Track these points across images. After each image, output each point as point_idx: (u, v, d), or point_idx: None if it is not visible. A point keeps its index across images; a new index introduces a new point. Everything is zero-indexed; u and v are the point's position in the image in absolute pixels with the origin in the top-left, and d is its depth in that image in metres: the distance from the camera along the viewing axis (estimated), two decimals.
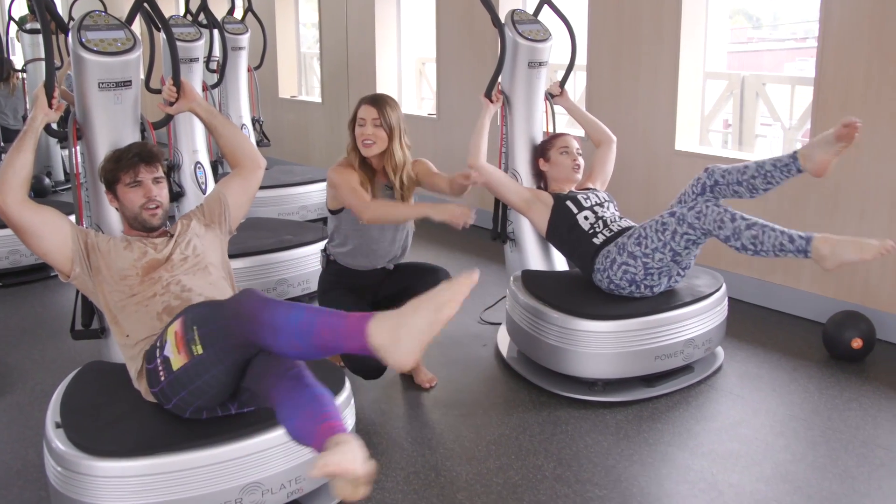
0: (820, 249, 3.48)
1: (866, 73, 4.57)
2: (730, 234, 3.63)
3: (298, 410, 2.53)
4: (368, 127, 3.90)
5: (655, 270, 3.90)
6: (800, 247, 3.52)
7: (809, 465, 3.43)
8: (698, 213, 3.71)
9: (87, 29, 3.44)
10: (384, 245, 4.06)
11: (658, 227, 3.83)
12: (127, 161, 3.23)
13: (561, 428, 3.75)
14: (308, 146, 9.59)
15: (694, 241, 3.77)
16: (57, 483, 2.82)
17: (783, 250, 3.56)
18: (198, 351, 2.67)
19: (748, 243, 3.61)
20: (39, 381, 4.28)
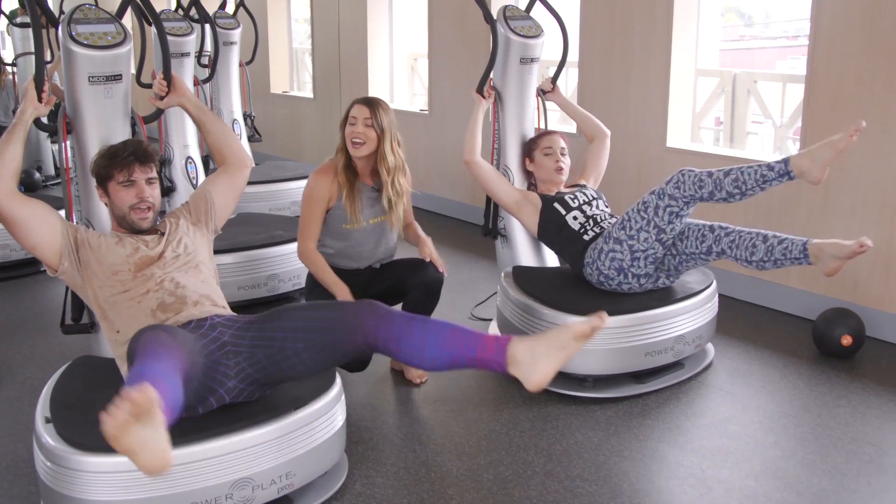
0: (800, 164, 3.56)
1: (857, 72, 4.58)
2: (712, 188, 3.65)
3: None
4: (359, 126, 3.91)
5: (641, 254, 3.88)
6: (780, 170, 3.59)
7: (799, 461, 3.44)
8: (677, 183, 3.72)
9: (78, 22, 3.42)
10: (367, 249, 4.07)
11: (639, 206, 3.84)
12: (122, 159, 3.20)
13: (551, 424, 3.75)
14: (299, 142, 9.58)
15: (676, 212, 3.75)
16: (46, 478, 2.81)
17: (766, 180, 3.62)
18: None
19: (732, 188, 3.64)
20: (29, 375, 4.27)
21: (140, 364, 2.49)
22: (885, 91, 4.48)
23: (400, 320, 2.76)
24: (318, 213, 3.98)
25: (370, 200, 4.03)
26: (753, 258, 3.69)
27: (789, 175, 3.59)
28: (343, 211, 3.97)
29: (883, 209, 4.55)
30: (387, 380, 4.21)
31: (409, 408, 3.99)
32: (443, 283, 4.05)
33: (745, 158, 5.23)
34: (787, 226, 4.94)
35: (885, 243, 4.55)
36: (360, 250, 4.04)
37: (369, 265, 4.11)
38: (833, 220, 4.75)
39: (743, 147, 6.74)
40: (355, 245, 4.03)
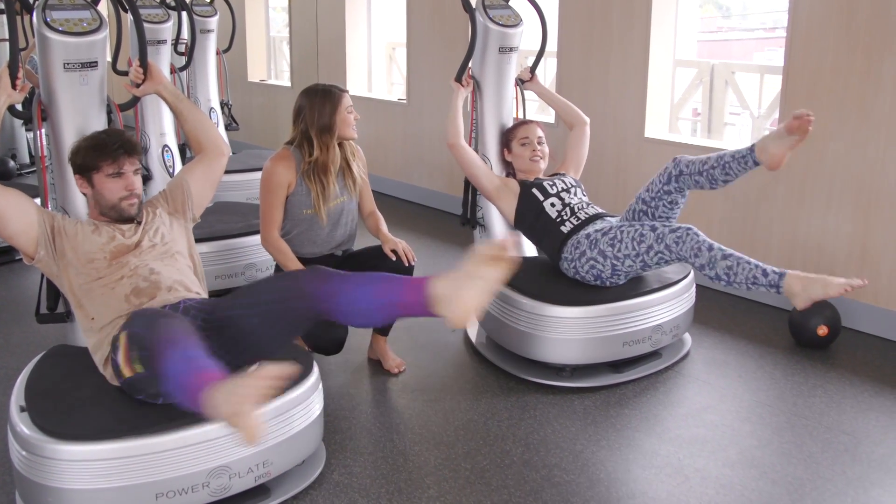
0: (792, 286, 3.47)
1: (834, 63, 4.60)
2: (705, 262, 3.64)
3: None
4: (353, 112, 4.02)
5: (622, 273, 3.92)
6: (772, 281, 3.52)
7: (775, 450, 3.46)
8: (678, 238, 3.71)
9: (53, 9, 3.39)
10: (326, 231, 4.03)
11: (636, 235, 3.83)
12: (111, 151, 3.18)
13: (529, 413, 3.76)
14: (277, 130, 9.52)
15: (667, 260, 3.79)
16: (21, 467, 2.79)
17: (756, 283, 3.56)
18: (139, 369, 2.78)
19: (722, 273, 3.62)
20: (3, 364, 4.24)
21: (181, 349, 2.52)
22: (861, 83, 4.50)
23: (338, 279, 2.74)
24: (280, 200, 3.97)
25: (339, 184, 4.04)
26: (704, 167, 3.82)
27: (778, 289, 3.52)
28: (304, 197, 3.96)
29: (858, 200, 4.58)
30: (364, 369, 4.21)
31: (387, 397, 3.99)
32: (413, 269, 4.04)
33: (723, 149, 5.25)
34: (763, 216, 4.97)
35: (860, 234, 4.58)
36: (319, 233, 4.02)
37: (331, 252, 4.08)
38: (809, 212, 4.77)
39: (720, 138, 6.76)
40: (315, 227, 4.01)
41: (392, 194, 7.76)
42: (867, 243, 4.57)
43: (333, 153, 3.96)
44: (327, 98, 3.95)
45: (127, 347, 2.80)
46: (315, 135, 3.94)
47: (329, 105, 3.94)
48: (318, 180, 3.94)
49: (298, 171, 3.94)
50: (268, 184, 3.97)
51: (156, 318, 2.76)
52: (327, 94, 3.96)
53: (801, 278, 3.47)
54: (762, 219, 4.99)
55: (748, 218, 5.04)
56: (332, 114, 3.94)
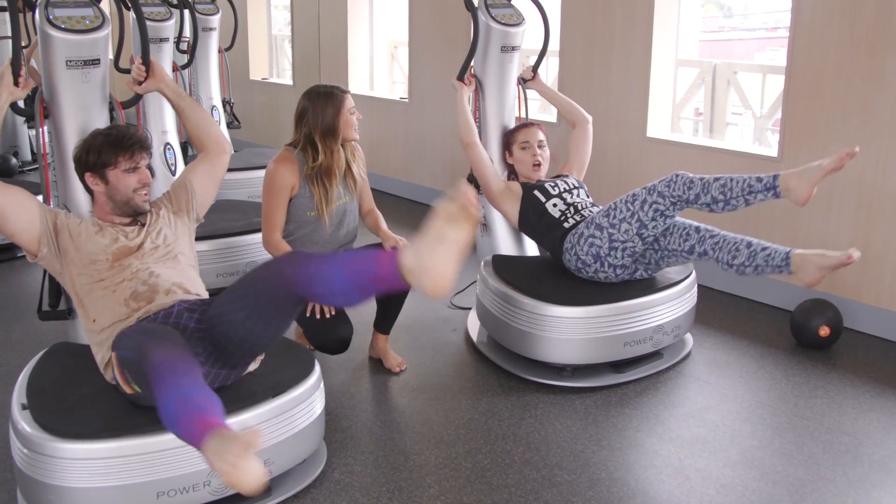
0: (788, 182, 3.54)
1: (837, 63, 4.60)
2: (699, 191, 3.65)
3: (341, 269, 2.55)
4: (356, 112, 4.00)
5: (619, 244, 3.88)
6: (768, 184, 3.57)
7: (776, 451, 3.46)
8: (669, 182, 3.73)
9: (55, 6, 3.39)
10: (329, 233, 4.03)
11: (628, 198, 3.84)
12: (127, 146, 3.19)
13: (530, 413, 3.75)
14: (279, 128, 9.52)
15: (661, 211, 3.76)
16: (22, 465, 2.79)
17: (752, 191, 3.60)
18: (137, 389, 2.79)
19: (718, 194, 3.64)
20: (5, 361, 4.24)
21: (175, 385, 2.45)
22: (864, 82, 4.49)
23: (314, 262, 2.64)
24: (282, 202, 3.95)
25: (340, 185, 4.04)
26: (734, 262, 3.68)
27: (775, 191, 3.56)
28: (307, 200, 3.95)
29: (860, 200, 4.58)
30: (365, 368, 4.21)
31: (388, 396, 3.99)
32: None
33: (725, 149, 5.26)
34: (765, 215, 4.96)
35: (862, 235, 4.58)
36: (322, 234, 4.02)
37: (332, 251, 4.09)
38: (811, 211, 4.77)
39: (722, 138, 6.76)
40: (318, 229, 4.00)
41: (394, 193, 7.75)
42: (869, 244, 4.56)
43: (338, 156, 3.96)
44: (330, 100, 3.94)
45: (120, 369, 2.83)
46: (319, 138, 3.93)
47: (332, 107, 3.93)
48: (322, 184, 3.93)
49: (302, 173, 3.93)
50: (270, 186, 3.96)
51: (143, 341, 2.70)
52: (330, 96, 3.96)
53: (794, 172, 3.54)
54: (763, 218, 4.98)
55: (749, 217, 5.04)
56: (335, 116, 3.93)
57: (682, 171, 3.79)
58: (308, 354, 3.30)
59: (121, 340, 2.86)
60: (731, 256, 3.68)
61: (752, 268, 3.64)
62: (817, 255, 3.48)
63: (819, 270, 3.46)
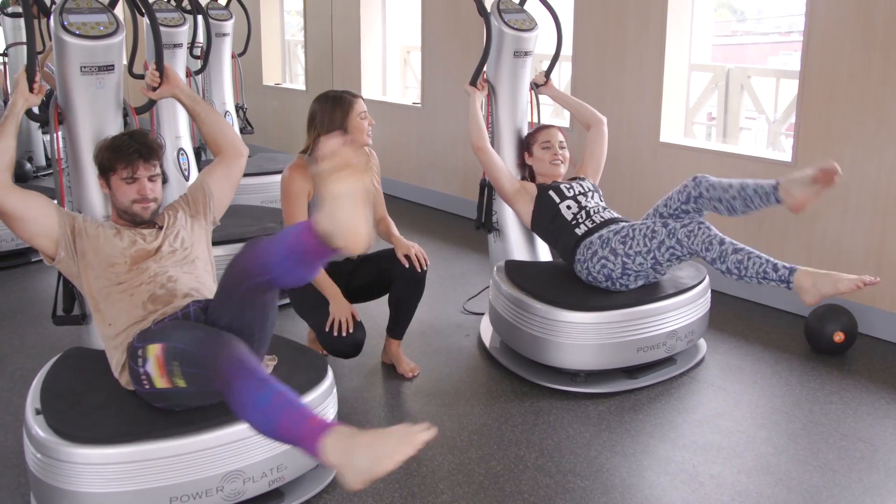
0: (801, 282, 3.49)
1: (851, 67, 4.58)
2: (716, 256, 3.65)
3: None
4: (368, 118, 3.98)
5: (633, 273, 3.91)
6: (782, 276, 3.54)
7: (790, 457, 3.44)
8: (689, 232, 3.72)
9: (70, 12, 3.40)
10: None
11: (647, 232, 3.83)
12: (126, 155, 3.18)
13: (543, 418, 3.75)
14: (292, 134, 9.54)
15: (678, 256, 3.79)
16: (36, 469, 2.80)
17: (766, 278, 3.58)
18: (180, 384, 2.73)
19: (733, 267, 3.63)
20: (19, 366, 4.25)
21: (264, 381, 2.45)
22: (878, 86, 4.48)
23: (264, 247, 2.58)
24: (301, 207, 3.95)
25: None
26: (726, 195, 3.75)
27: (788, 285, 3.55)
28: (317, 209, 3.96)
29: (875, 205, 4.55)
30: (378, 373, 4.21)
31: (401, 401, 3.99)
32: (427, 271, 4.03)
33: (739, 154, 5.24)
34: (778, 223, 4.95)
35: (877, 240, 4.55)
36: None
37: (347, 257, 4.09)
38: (826, 217, 4.75)
39: (736, 142, 6.74)
40: None
41: (406, 198, 7.76)
42: (884, 249, 4.54)
43: None
44: (338, 104, 3.95)
45: (163, 361, 2.75)
46: None
47: (340, 111, 3.94)
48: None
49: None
50: (287, 193, 3.96)
51: (204, 337, 2.68)
52: (338, 100, 3.96)
53: (811, 274, 3.49)
54: (777, 224, 4.97)
55: (763, 223, 5.02)
56: (343, 120, 3.93)
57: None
58: (321, 360, 3.30)
59: (169, 332, 2.81)
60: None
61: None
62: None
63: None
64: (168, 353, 2.73)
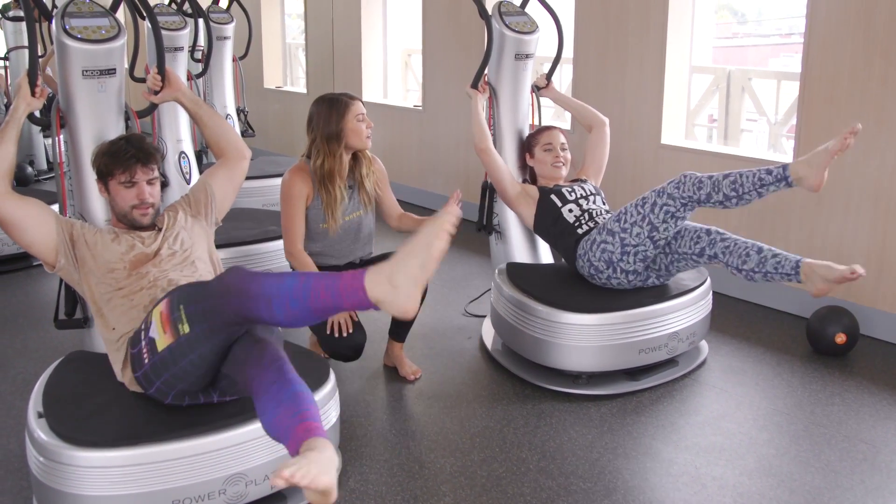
0: (798, 170, 3.56)
1: (852, 69, 4.58)
2: (710, 189, 3.65)
3: (277, 406, 2.44)
4: (366, 120, 3.97)
5: (631, 248, 3.87)
6: (778, 175, 3.58)
7: (792, 459, 3.44)
8: (678, 183, 3.73)
9: (71, 16, 3.41)
10: (346, 245, 4.06)
11: (638, 201, 3.85)
12: (124, 160, 3.18)
13: (545, 421, 3.75)
14: (293, 137, 9.55)
15: (672, 213, 3.75)
16: (39, 473, 2.80)
17: (764, 184, 3.60)
18: (184, 330, 2.63)
19: (729, 191, 3.63)
20: (21, 370, 4.25)
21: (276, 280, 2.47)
22: (880, 88, 4.48)
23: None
24: (300, 210, 3.96)
25: (346, 197, 4.02)
26: (744, 267, 3.67)
27: (787, 180, 3.58)
28: (319, 211, 3.96)
29: (877, 206, 4.56)
30: (380, 376, 4.21)
31: (403, 404, 3.99)
32: None
33: (740, 156, 5.24)
34: (781, 223, 4.95)
35: (878, 240, 4.55)
36: (339, 247, 4.04)
37: (349, 261, 4.09)
38: (827, 217, 4.75)
39: (737, 144, 6.74)
40: (334, 243, 4.02)
41: (408, 201, 7.75)
42: (885, 250, 4.54)
43: (339, 161, 3.94)
44: (334, 106, 3.95)
45: (168, 312, 2.67)
46: (321, 142, 3.94)
47: (336, 113, 3.94)
48: (325, 188, 3.94)
49: (314, 182, 3.94)
50: (286, 197, 3.97)
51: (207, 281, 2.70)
52: (334, 102, 3.97)
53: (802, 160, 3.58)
54: (779, 226, 4.97)
55: (765, 225, 5.02)
56: (338, 121, 3.93)
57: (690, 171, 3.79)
58: (323, 363, 3.30)
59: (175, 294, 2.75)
60: (740, 261, 3.67)
61: (762, 274, 3.63)
62: (823, 267, 3.48)
63: (825, 282, 3.46)
64: (173, 302, 2.68)
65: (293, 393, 2.47)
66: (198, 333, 2.62)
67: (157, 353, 2.73)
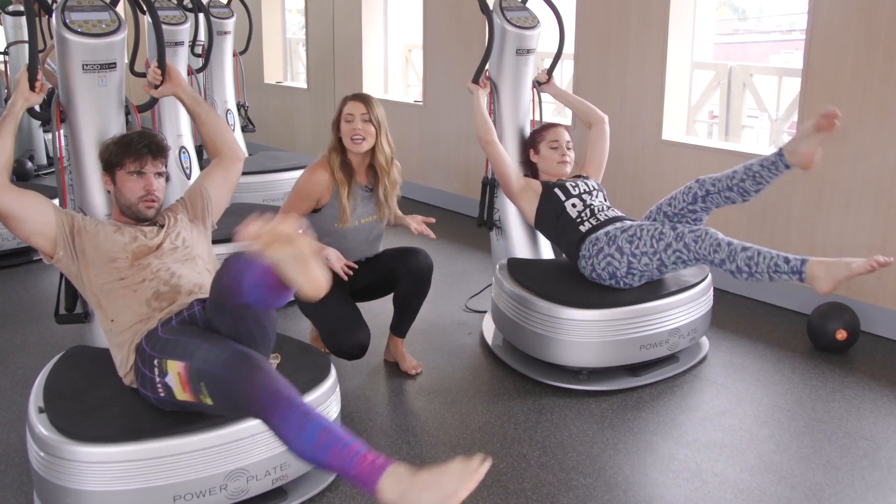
0: (814, 271, 3.45)
1: (854, 65, 4.57)
2: (725, 257, 3.62)
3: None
4: (357, 122, 3.87)
5: (637, 272, 3.90)
6: (794, 267, 3.51)
7: (793, 455, 3.44)
8: (696, 237, 3.70)
9: (72, 10, 3.40)
10: (357, 246, 4.04)
11: (655, 234, 3.82)
12: (136, 149, 3.20)
13: (546, 416, 3.74)
14: (293, 132, 9.55)
15: (684, 260, 3.77)
16: (39, 468, 2.80)
17: (778, 271, 3.54)
18: (206, 401, 2.68)
19: (743, 265, 3.60)
20: (22, 365, 4.25)
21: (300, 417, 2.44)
22: (881, 84, 4.47)
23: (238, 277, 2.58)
24: (306, 208, 3.94)
25: (363, 200, 4.00)
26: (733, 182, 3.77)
27: (801, 276, 3.51)
28: (335, 210, 3.94)
29: (878, 203, 4.55)
30: (381, 371, 4.20)
31: (404, 399, 3.99)
32: (433, 269, 4.04)
33: (741, 152, 5.23)
34: (781, 219, 4.94)
35: (879, 237, 4.55)
36: (350, 247, 4.01)
37: (356, 260, 4.07)
38: (828, 215, 4.74)
39: (738, 141, 6.73)
40: (345, 243, 3.99)
41: (408, 196, 7.73)
42: (886, 246, 4.53)
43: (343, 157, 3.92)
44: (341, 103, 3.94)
45: (187, 380, 2.68)
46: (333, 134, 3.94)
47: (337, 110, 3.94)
48: (347, 197, 3.91)
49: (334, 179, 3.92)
50: (300, 189, 3.95)
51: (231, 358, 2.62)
52: (343, 99, 3.95)
53: (823, 262, 3.46)
54: (780, 222, 4.96)
55: (766, 221, 5.02)
56: (336, 119, 3.93)
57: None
58: (324, 358, 3.30)
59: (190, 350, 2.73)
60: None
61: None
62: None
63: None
64: (193, 374, 2.67)
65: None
66: (221, 407, 2.69)
67: (176, 398, 2.77)
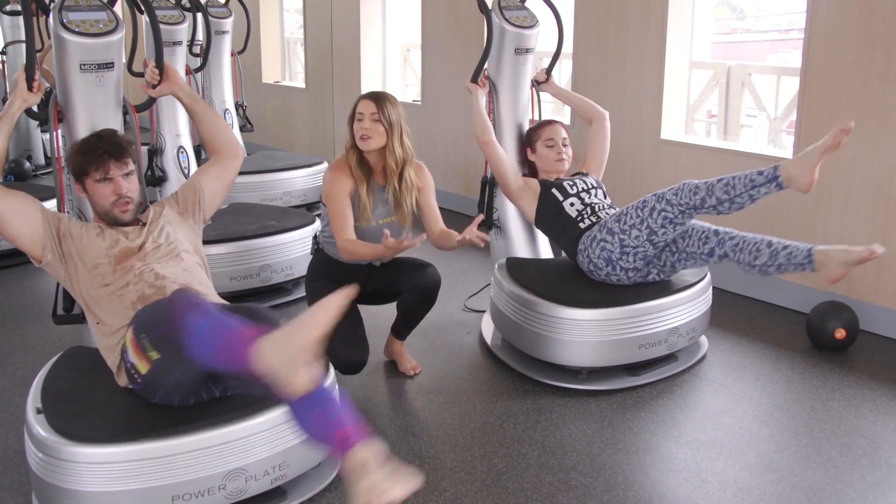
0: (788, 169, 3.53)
1: (853, 64, 4.57)
2: (704, 194, 3.63)
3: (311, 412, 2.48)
4: (366, 121, 3.84)
5: (630, 249, 3.86)
6: (769, 175, 3.55)
7: (793, 454, 3.44)
8: (676, 191, 3.71)
9: (69, 10, 3.40)
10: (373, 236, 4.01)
11: (639, 204, 3.83)
12: (96, 157, 3.15)
13: (545, 416, 3.74)
14: (291, 132, 9.54)
15: (670, 219, 3.74)
16: (38, 469, 2.79)
17: (755, 186, 3.57)
18: (154, 356, 2.70)
19: (722, 194, 3.61)
20: (20, 365, 4.24)
21: (205, 312, 2.51)
22: (879, 84, 4.47)
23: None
24: (347, 204, 3.84)
25: (382, 201, 3.96)
26: (756, 262, 3.66)
27: (777, 181, 3.53)
28: (356, 207, 3.90)
29: (877, 202, 4.55)
30: (380, 371, 4.20)
31: (403, 399, 3.98)
32: (439, 286, 4.00)
33: (739, 151, 5.23)
34: (780, 219, 4.94)
35: (878, 237, 4.54)
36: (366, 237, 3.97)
37: (369, 263, 4.03)
38: (827, 214, 4.74)
39: (737, 140, 6.73)
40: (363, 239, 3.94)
41: None
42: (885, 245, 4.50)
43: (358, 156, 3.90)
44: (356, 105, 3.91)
45: (134, 340, 2.76)
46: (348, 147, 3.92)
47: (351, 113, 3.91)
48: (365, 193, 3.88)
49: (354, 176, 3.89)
50: (330, 192, 3.86)
51: (159, 302, 2.78)
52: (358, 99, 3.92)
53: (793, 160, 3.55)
54: (778, 222, 4.96)
55: (765, 221, 5.01)
56: (351, 117, 3.91)
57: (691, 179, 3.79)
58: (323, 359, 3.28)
59: (135, 316, 2.88)
60: (752, 257, 3.66)
61: (775, 267, 3.62)
62: (840, 251, 3.45)
63: (842, 266, 3.44)
64: (136, 331, 2.76)
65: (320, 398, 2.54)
66: (169, 356, 2.67)
67: (143, 375, 2.79)
